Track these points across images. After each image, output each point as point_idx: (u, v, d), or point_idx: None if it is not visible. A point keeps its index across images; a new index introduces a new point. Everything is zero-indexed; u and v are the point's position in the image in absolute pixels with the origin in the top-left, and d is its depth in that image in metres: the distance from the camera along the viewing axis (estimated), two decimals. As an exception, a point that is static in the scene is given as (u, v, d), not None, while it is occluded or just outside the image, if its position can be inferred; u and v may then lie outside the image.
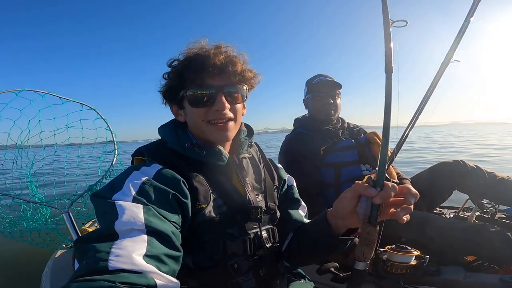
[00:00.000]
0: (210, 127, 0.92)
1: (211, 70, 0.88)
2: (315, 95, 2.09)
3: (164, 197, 0.77)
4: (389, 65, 0.78)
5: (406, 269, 0.85)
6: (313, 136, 2.09)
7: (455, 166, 2.13)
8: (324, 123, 2.11)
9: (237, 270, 0.92)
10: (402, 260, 0.85)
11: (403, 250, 0.86)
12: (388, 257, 0.87)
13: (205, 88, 0.89)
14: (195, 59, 0.89)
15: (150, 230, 0.68)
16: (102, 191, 0.77)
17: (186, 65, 0.90)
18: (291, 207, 1.15)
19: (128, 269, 0.58)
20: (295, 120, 2.29)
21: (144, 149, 0.93)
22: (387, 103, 0.79)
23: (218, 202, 0.92)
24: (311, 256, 1.05)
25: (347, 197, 0.79)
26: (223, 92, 0.90)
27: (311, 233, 0.99)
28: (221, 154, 0.94)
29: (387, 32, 0.79)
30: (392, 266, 0.86)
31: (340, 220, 0.85)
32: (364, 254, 0.82)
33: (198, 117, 0.91)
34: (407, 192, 0.75)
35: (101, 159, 2.56)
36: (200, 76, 0.89)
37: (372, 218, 0.78)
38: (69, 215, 1.98)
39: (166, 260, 0.67)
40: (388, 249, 0.88)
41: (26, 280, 2.58)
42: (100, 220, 0.72)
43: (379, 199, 0.73)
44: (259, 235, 0.97)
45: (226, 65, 0.89)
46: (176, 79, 0.92)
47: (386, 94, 0.79)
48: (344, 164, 2.00)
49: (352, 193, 0.78)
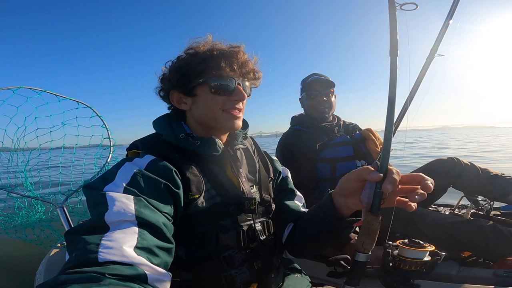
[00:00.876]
0: (226, 115, 0.95)
1: (235, 64, 0.94)
2: (310, 93, 2.12)
3: (156, 188, 0.77)
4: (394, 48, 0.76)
5: (417, 265, 0.80)
6: (309, 132, 2.12)
7: (450, 164, 2.15)
8: (319, 120, 2.14)
9: (230, 262, 0.91)
10: (414, 256, 0.81)
11: (416, 245, 0.81)
12: (399, 252, 0.83)
13: (229, 79, 0.94)
14: (224, 52, 0.94)
15: (141, 222, 0.67)
16: (94, 182, 0.75)
17: (215, 55, 0.93)
18: (286, 198, 1.15)
19: (118, 261, 0.57)
20: (292, 118, 2.32)
21: (139, 142, 0.94)
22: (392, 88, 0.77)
23: (211, 193, 0.91)
24: (316, 243, 1.01)
25: (351, 179, 0.81)
26: (241, 84, 0.96)
27: (316, 219, 0.96)
28: (215, 144, 0.94)
29: (392, 14, 0.78)
30: (402, 262, 0.81)
31: (344, 199, 0.85)
32: (363, 245, 0.78)
33: (217, 104, 0.93)
34: (421, 179, 0.73)
35: (97, 156, 2.54)
36: (226, 67, 0.93)
37: (374, 206, 0.75)
38: (63, 210, 1.95)
39: (158, 252, 0.66)
40: (400, 243, 0.83)
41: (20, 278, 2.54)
42: (91, 211, 0.71)
43: (389, 184, 0.71)
44: (253, 228, 0.96)
45: (246, 63, 0.97)
46: (198, 65, 0.93)
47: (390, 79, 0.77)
48: (340, 159, 2.03)
49: (356, 176, 0.79)
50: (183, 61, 0.96)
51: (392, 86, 0.78)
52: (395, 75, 0.78)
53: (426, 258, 0.80)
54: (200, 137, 0.94)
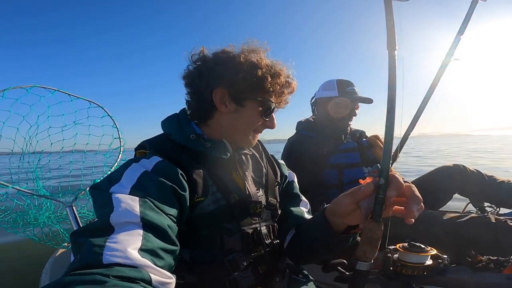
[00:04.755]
0: (253, 135, 0.98)
1: (288, 94, 0.98)
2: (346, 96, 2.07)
3: (162, 190, 0.76)
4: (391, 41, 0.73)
5: (419, 270, 0.77)
6: (316, 138, 2.09)
7: (455, 170, 2.15)
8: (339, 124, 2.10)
9: (235, 266, 0.89)
10: (416, 261, 0.78)
11: (417, 249, 0.77)
12: (399, 257, 0.79)
13: (278, 107, 0.97)
14: (286, 81, 0.95)
15: (146, 224, 0.66)
16: (101, 183, 0.75)
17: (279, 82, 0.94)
18: (291, 203, 1.14)
19: (123, 263, 0.57)
20: (298, 123, 2.30)
21: (146, 142, 0.93)
22: (391, 83, 0.73)
23: (216, 196, 0.90)
24: (312, 254, 1.00)
25: (344, 204, 0.78)
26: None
27: (310, 231, 0.97)
28: (226, 147, 0.93)
29: (388, 5, 0.75)
30: (403, 267, 0.78)
31: (339, 219, 0.84)
32: (366, 254, 0.74)
33: (253, 124, 0.96)
34: (410, 195, 0.71)
35: (107, 156, 2.56)
36: (281, 97, 0.96)
37: (376, 213, 0.71)
38: (72, 209, 1.96)
39: (162, 254, 0.65)
40: (399, 247, 0.79)
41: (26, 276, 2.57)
42: (97, 212, 0.70)
43: (393, 191, 0.69)
44: (258, 231, 0.95)
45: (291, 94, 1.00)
46: (257, 83, 0.91)
47: (389, 74, 0.73)
48: (347, 166, 2.01)
49: (350, 200, 0.77)
50: (252, 67, 0.90)
51: (391, 84, 0.74)
52: (394, 71, 0.73)
53: (428, 262, 0.77)
54: (210, 138, 0.93)
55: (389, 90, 0.73)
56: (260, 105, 0.92)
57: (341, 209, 0.80)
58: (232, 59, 0.92)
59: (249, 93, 0.91)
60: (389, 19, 0.76)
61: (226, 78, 0.90)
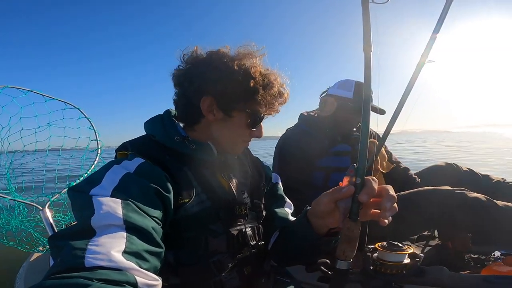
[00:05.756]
0: (242, 144, 0.99)
1: (278, 105, 0.96)
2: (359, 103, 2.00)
3: (145, 192, 0.74)
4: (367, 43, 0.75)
5: (398, 269, 0.79)
6: (312, 135, 2.02)
7: (448, 169, 2.16)
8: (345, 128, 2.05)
9: (220, 267, 0.89)
10: (394, 259, 0.79)
11: (395, 248, 0.79)
12: (378, 256, 0.81)
13: (266, 117, 0.97)
14: (278, 92, 0.95)
15: (129, 226, 0.65)
16: (80, 185, 0.73)
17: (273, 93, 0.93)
18: (276, 205, 1.15)
19: (106, 266, 0.55)
20: (301, 115, 2.19)
21: (129, 143, 0.91)
22: (367, 85, 0.76)
23: (201, 197, 0.89)
24: (296, 256, 1.03)
25: (323, 203, 0.81)
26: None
27: (294, 233, 0.98)
28: (212, 149, 0.93)
29: (365, 7, 0.76)
30: (382, 266, 0.80)
31: (320, 220, 0.86)
32: (345, 253, 0.77)
33: (242, 135, 0.96)
34: (385, 194, 0.73)
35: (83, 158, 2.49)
36: (271, 109, 0.95)
37: (353, 212, 0.74)
38: (46, 213, 1.90)
39: (147, 256, 0.64)
40: (378, 246, 0.82)
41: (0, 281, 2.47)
42: (77, 215, 0.69)
43: (365, 195, 0.71)
44: (243, 232, 0.95)
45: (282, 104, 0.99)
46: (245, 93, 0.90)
47: (365, 75, 0.76)
48: (335, 169, 1.96)
49: (328, 199, 0.79)
50: (244, 76, 0.89)
51: (366, 84, 0.76)
52: (369, 72, 0.76)
53: (406, 260, 0.79)
54: (195, 140, 0.92)
55: (365, 90, 0.76)
56: (249, 116, 0.92)
57: (321, 208, 0.82)
58: (225, 64, 0.89)
59: (238, 103, 0.90)
60: (365, 20, 0.78)
61: (216, 87, 0.89)
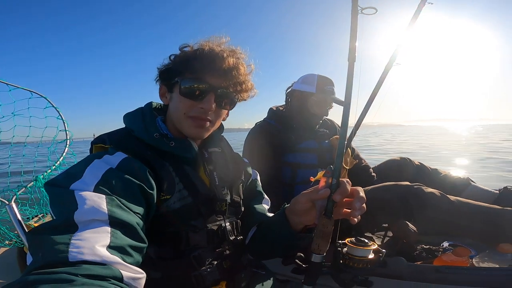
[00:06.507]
0: (189, 121, 0.93)
1: (215, 69, 0.89)
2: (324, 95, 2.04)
3: (129, 188, 0.74)
4: (352, 53, 0.78)
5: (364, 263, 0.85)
6: (282, 131, 2.05)
7: (403, 164, 2.25)
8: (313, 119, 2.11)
9: (200, 262, 0.91)
10: (361, 254, 0.85)
11: (361, 243, 0.86)
12: (347, 251, 0.87)
13: (201, 83, 0.90)
14: (207, 54, 0.90)
15: (114, 221, 0.64)
16: (58, 179, 0.71)
17: (197, 56, 0.90)
18: (254, 201, 1.17)
19: (91, 261, 0.54)
20: (270, 110, 2.22)
21: (107, 136, 0.90)
22: (348, 93, 0.80)
23: (183, 193, 0.90)
24: (272, 250, 1.07)
25: (301, 202, 0.88)
26: (215, 93, 0.91)
27: (271, 229, 1.02)
28: (191, 146, 0.94)
29: (354, 18, 0.79)
30: (350, 260, 0.86)
31: (297, 217, 0.92)
32: (319, 247, 0.83)
33: (182, 108, 0.92)
34: (356, 195, 0.82)
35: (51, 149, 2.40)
36: (203, 71, 0.90)
37: (328, 210, 0.81)
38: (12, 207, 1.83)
39: (131, 251, 0.64)
40: (348, 242, 0.88)
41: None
42: (56, 210, 0.66)
43: (338, 195, 0.80)
44: (223, 228, 0.98)
45: (230, 70, 0.90)
46: (179, 64, 0.93)
47: (347, 84, 0.80)
48: (302, 166, 1.99)
49: (306, 199, 0.87)
50: (176, 57, 0.96)
51: (348, 92, 0.81)
52: (351, 81, 0.81)
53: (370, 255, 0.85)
54: (175, 137, 0.92)
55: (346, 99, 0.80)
56: (179, 86, 0.91)
57: (299, 206, 0.89)
58: (181, 52, 0.96)
59: (175, 78, 0.93)
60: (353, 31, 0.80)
61: (165, 74, 0.97)
